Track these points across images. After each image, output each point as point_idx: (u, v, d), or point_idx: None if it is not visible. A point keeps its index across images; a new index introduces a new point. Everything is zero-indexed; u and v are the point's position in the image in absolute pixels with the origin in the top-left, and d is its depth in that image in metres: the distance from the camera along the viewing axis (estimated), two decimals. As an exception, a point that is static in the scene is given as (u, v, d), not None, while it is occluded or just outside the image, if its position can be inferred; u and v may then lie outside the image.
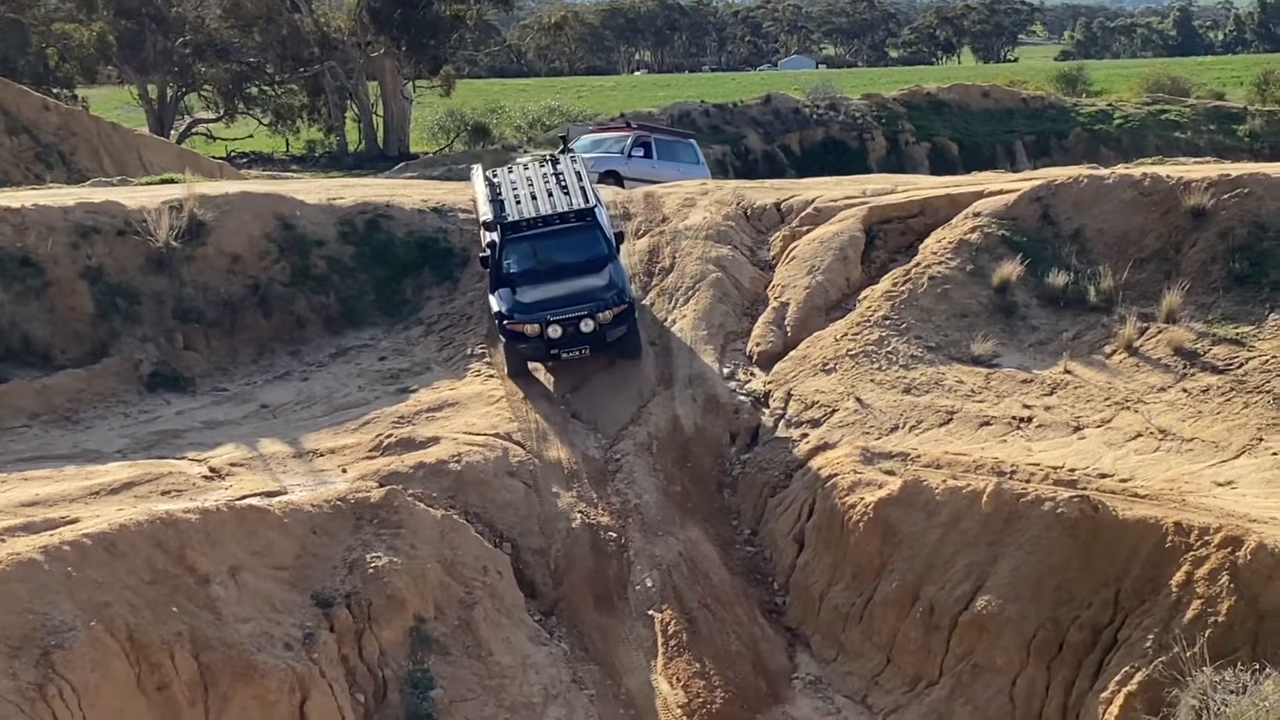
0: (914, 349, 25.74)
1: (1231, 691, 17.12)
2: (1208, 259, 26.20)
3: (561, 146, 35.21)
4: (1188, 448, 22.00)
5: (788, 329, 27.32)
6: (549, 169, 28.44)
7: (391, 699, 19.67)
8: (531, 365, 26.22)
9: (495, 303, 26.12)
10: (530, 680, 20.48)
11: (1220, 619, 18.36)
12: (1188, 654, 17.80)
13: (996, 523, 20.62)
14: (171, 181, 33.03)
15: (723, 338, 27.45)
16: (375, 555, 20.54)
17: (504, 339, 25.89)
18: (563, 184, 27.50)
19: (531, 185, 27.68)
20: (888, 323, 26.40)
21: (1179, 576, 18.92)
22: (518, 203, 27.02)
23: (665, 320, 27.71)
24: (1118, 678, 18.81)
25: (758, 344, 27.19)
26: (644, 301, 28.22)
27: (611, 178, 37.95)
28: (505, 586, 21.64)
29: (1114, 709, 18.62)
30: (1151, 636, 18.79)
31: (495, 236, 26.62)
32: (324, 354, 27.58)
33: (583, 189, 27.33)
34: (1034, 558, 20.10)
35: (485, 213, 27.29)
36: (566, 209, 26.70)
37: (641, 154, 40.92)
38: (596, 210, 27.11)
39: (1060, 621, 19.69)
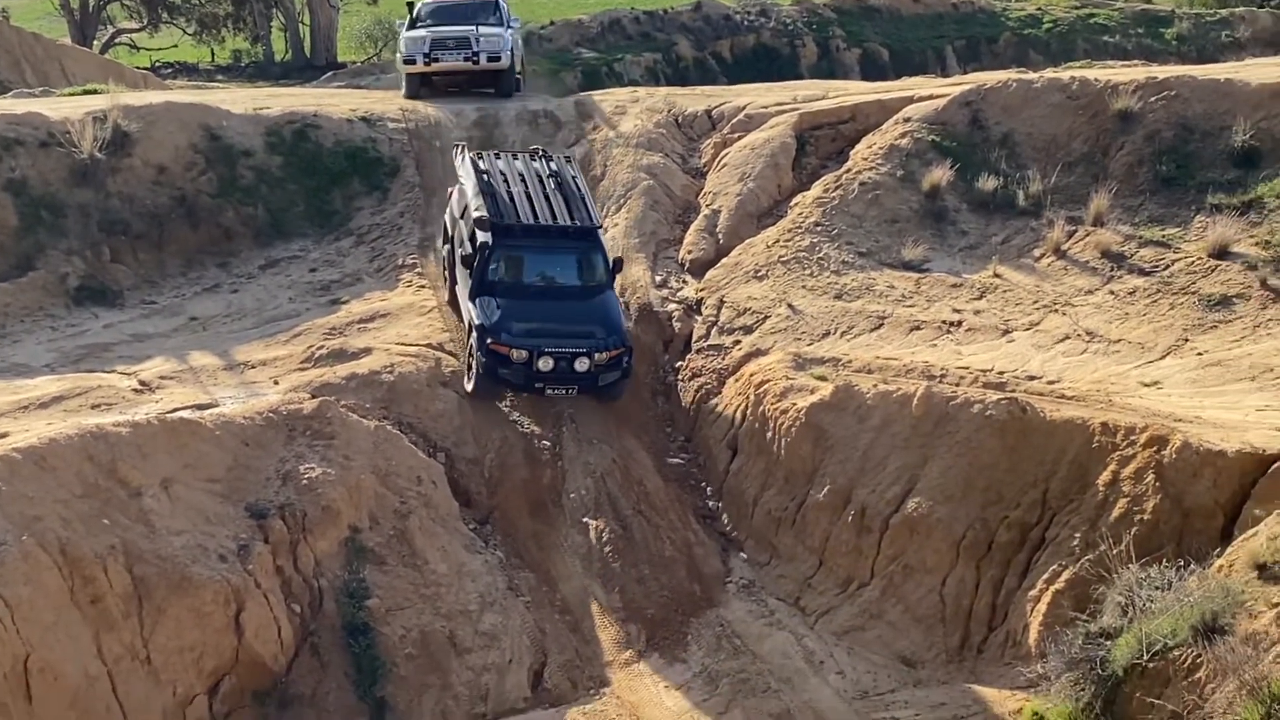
0: (845, 255, 25.82)
1: (1157, 588, 17.39)
2: (1135, 162, 26.37)
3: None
4: (1114, 349, 22.24)
5: (719, 236, 27.33)
6: (543, 166, 25.35)
7: (328, 609, 19.72)
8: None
9: (477, 313, 23.18)
10: (466, 588, 20.57)
11: (1146, 517, 18.64)
12: (1114, 552, 18.08)
13: (927, 426, 20.81)
14: (95, 92, 32.48)
15: (655, 246, 27.43)
16: (309, 467, 20.51)
17: (480, 356, 22.84)
18: (564, 191, 24.54)
19: (526, 183, 24.62)
20: (819, 229, 26.45)
21: (1106, 476, 19.19)
22: (511, 201, 24.05)
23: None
24: (1045, 576, 19.11)
25: (690, 252, 27.19)
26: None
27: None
28: (440, 496, 21.67)
29: (1041, 606, 18.93)
30: (1078, 535, 19.08)
31: (486, 237, 23.57)
32: (253, 266, 27.36)
33: (583, 199, 24.50)
34: (963, 459, 20.32)
35: (475, 206, 24.18)
36: (569, 223, 23.85)
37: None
38: (599, 232, 24.50)
39: (989, 521, 19.95)
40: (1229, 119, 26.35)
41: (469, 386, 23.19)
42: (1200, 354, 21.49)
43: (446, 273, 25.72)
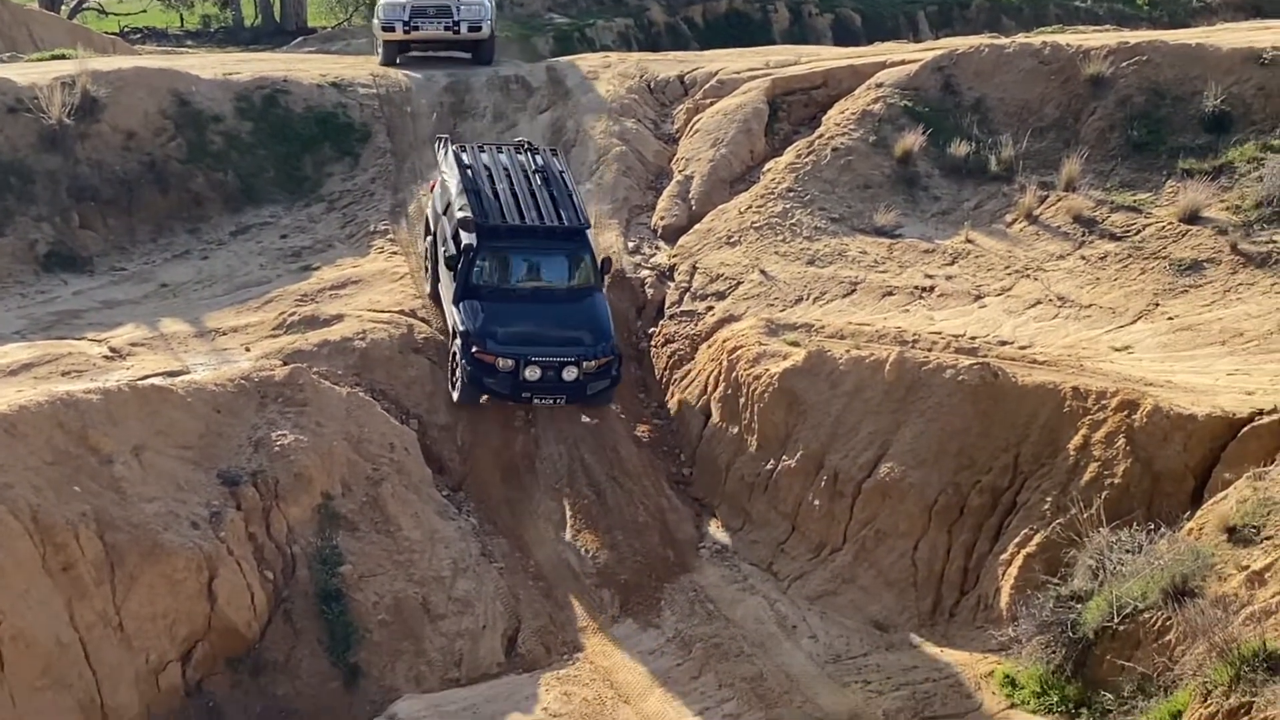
0: (818, 221, 25.82)
1: (1127, 551, 17.53)
2: (1106, 127, 26.41)
3: None
4: (1086, 314, 22.31)
5: (692, 202, 27.29)
6: (529, 160, 24.47)
7: (300, 575, 19.72)
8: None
9: (461, 318, 22.30)
10: (439, 554, 20.58)
11: (1116, 481, 18.76)
12: (1085, 515, 18.23)
13: (899, 391, 20.86)
14: (63, 58, 32.24)
15: (627, 212, 27.38)
16: (281, 433, 20.48)
17: (465, 364, 22.03)
18: (551, 188, 23.63)
19: (511, 179, 23.71)
20: (791, 195, 26.43)
21: (1077, 440, 19.28)
22: (496, 198, 23.14)
23: (569, 195, 27.56)
24: (1017, 540, 19.21)
25: (662, 218, 27.15)
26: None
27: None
28: (412, 462, 21.65)
29: (1013, 570, 19.03)
30: (1049, 499, 19.19)
31: (470, 239, 22.65)
32: (224, 232, 27.23)
33: (571, 196, 23.63)
34: (935, 424, 20.38)
35: (458, 204, 23.25)
36: (557, 223, 22.95)
37: None
38: (588, 232, 23.57)
39: (961, 486, 20.03)
40: (1200, 84, 26.41)
41: (455, 395, 22.42)
42: (1171, 318, 21.58)
43: (428, 266, 24.84)
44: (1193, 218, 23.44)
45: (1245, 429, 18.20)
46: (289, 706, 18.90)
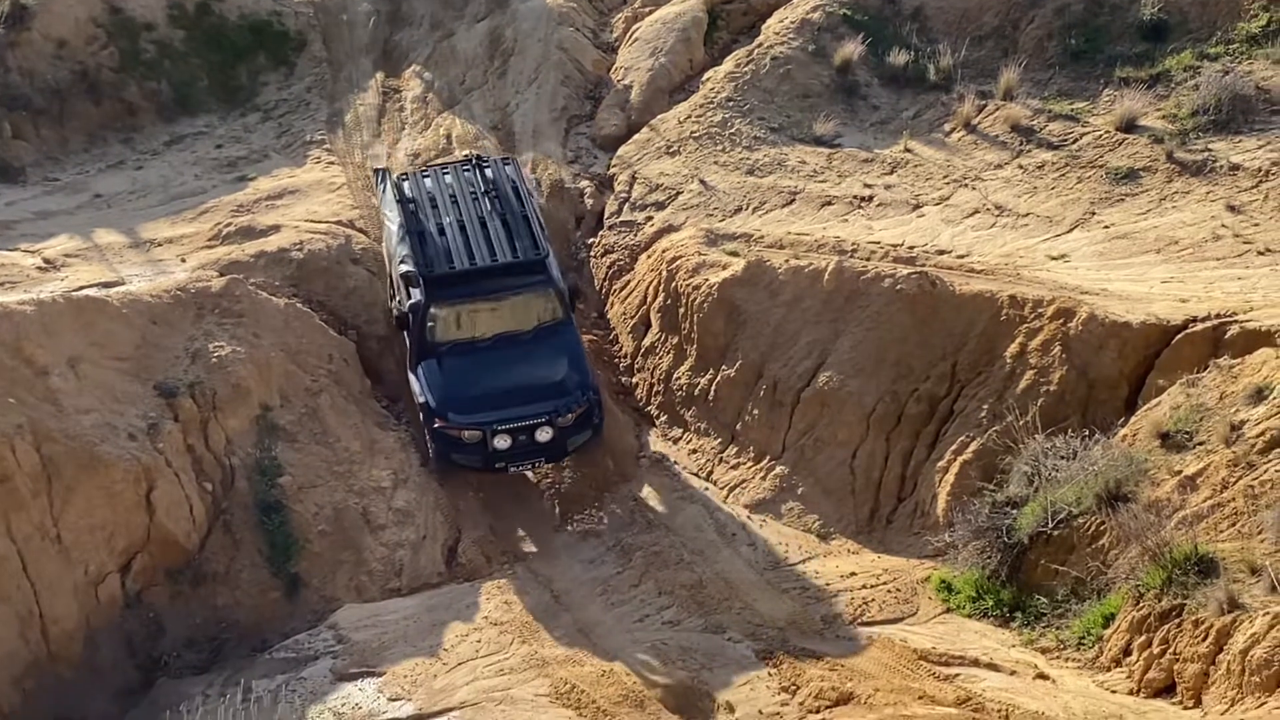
0: (757, 130, 25.74)
1: (1062, 457, 17.75)
2: (1044, 35, 26.33)
3: None
4: (1023, 223, 22.38)
5: (631, 112, 27.14)
6: (477, 178, 22.23)
7: (240, 487, 19.70)
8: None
9: (418, 388, 20.46)
10: (379, 465, 20.59)
11: (1052, 388, 18.94)
12: (1020, 423, 18.42)
13: (838, 300, 20.93)
14: (-10, -36, 31.61)
15: (566, 121, 27.21)
16: (218, 345, 20.39)
17: (430, 439, 20.51)
18: (503, 212, 21.44)
19: (459, 207, 21.54)
20: (731, 104, 26.31)
21: (1013, 348, 19.44)
22: (441, 234, 21.00)
23: (508, 105, 27.34)
24: (954, 447, 19.40)
25: (601, 127, 27.00)
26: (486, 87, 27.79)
27: None
28: (351, 373, 21.62)
29: (949, 477, 19.22)
30: (986, 407, 19.37)
31: (418, 293, 20.54)
32: (158, 142, 26.87)
33: (527, 219, 21.34)
34: (874, 333, 20.48)
35: (400, 252, 21.00)
36: (512, 257, 20.76)
37: None
38: (549, 260, 21.24)
39: (899, 394, 20.17)
40: (1137, -8, 26.38)
41: (431, 465, 20.80)
42: (1107, 227, 21.68)
43: (393, 310, 22.11)
44: (1129, 126, 23.49)
45: (1179, 336, 18.39)
46: (229, 617, 18.96)
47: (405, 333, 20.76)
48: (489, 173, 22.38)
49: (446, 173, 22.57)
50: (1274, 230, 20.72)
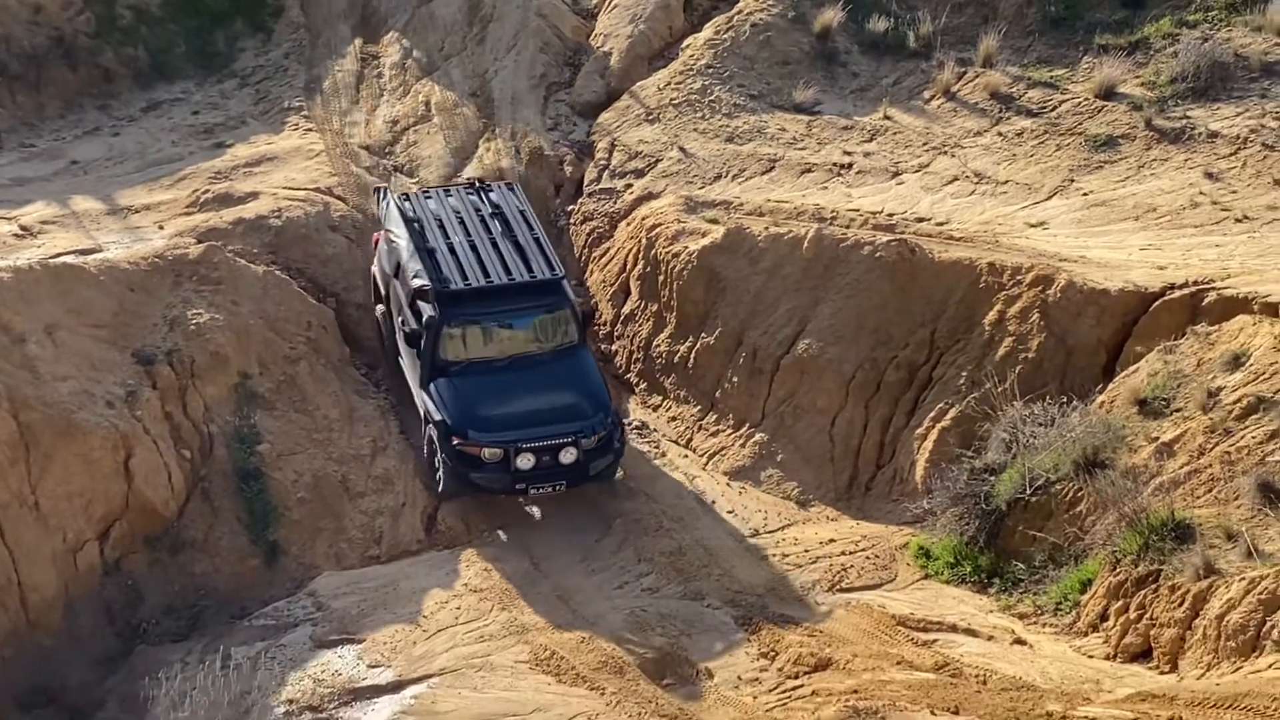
0: (737, 97, 25.67)
1: (1040, 424, 17.82)
2: (1024, 2, 26.25)
3: None
4: (1002, 190, 22.40)
5: (611, 79, 27.03)
6: (482, 201, 21.79)
7: (218, 454, 19.69)
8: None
9: (433, 405, 19.67)
10: (358, 432, 20.59)
11: (1030, 355, 19.02)
12: (999, 390, 18.47)
13: (817, 268, 20.94)
14: (-36, -72, 31.36)
15: (545, 88, 27.08)
16: (196, 312, 20.35)
17: (445, 458, 19.56)
18: (513, 234, 21.00)
19: (467, 227, 21.01)
20: (710, 71, 26.23)
21: (992, 315, 19.50)
22: (452, 253, 20.40)
23: (487, 72, 27.23)
24: (932, 414, 19.47)
25: (581, 95, 26.90)
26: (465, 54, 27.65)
27: None
28: (330, 341, 21.59)
29: (928, 444, 19.30)
30: (965, 374, 19.44)
31: (430, 309, 19.94)
32: (135, 108, 26.68)
33: (538, 241, 20.94)
34: (853, 301, 20.51)
35: (411, 269, 20.33)
36: (528, 276, 20.28)
37: None
38: (564, 281, 20.75)
39: (878, 361, 20.22)
40: (1118, -43, 26.35)
41: (439, 489, 19.94)
42: (1086, 194, 21.72)
43: (384, 337, 21.98)
44: (1108, 94, 23.50)
45: (1157, 303, 18.48)
46: (208, 584, 18.96)
47: (415, 349, 20.13)
48: (492, 196, 22.02)
49: (449, 195, 22.08)
50: (1251, 197, 20.82)
